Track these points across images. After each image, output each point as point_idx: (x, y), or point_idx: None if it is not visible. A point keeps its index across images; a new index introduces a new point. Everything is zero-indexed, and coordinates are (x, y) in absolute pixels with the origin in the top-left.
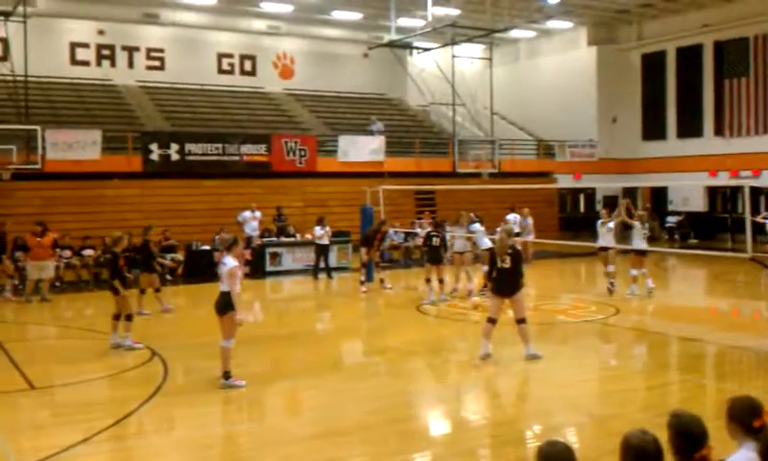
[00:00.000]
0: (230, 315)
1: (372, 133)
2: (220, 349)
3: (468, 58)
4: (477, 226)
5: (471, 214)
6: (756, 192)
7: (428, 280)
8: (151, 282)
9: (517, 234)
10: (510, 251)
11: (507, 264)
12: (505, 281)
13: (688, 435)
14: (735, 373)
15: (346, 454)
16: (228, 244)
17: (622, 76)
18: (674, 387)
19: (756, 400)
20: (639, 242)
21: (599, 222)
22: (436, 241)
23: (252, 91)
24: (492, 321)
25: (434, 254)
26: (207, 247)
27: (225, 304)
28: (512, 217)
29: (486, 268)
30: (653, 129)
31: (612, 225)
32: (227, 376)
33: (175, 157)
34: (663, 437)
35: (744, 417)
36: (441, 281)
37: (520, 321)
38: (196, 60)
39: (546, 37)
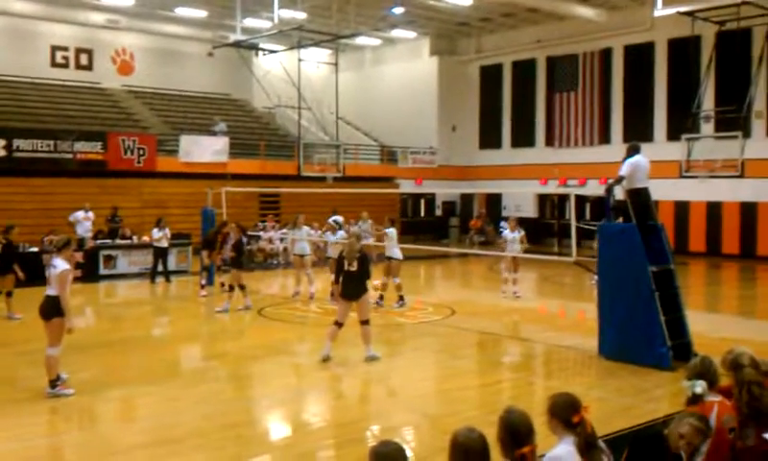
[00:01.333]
0: (57, 321)
1: (215, 133)
2: (45, 356)
3: (315, 62)
4: (342, 233)
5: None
6: (581, 200)
7: (232, 287)
8: (6, 284)
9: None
10: (358, 255)
11: (354, 268)
12: (353, 285)
13: (514, 432)
14: (561, 370)
15: None
16: (60, 245)
17: (462, 86)
18: (505, 385)
19: (575, 396)
20: (513, 247)
21: (506, 232)
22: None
23: (89, 87)
24: (338, 324)
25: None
26: (35, 249)
27: (51, 309)
28: (332, 220)
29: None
30: (489, 138)
31: (518, 234)
32: (53, 384)
33: (1, 153)
34: (494, 432)
35: (564, 413)
36: (242, 288)
37: (364, 322)
38: (27, 51)
39: (391, 46)
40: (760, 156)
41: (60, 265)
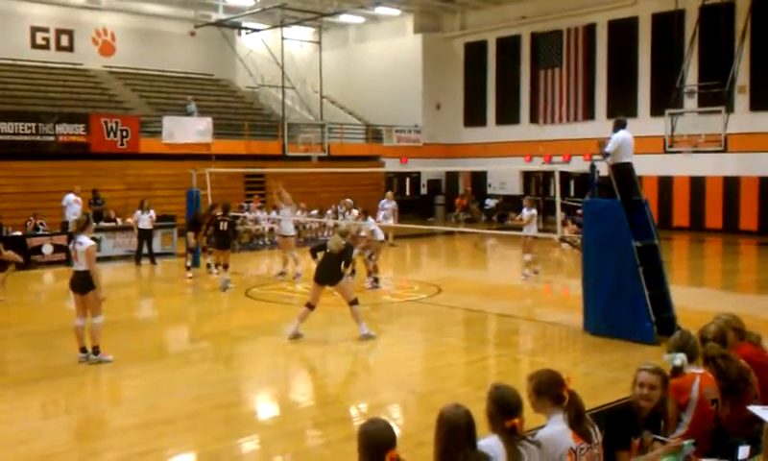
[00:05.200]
0: (93, 293)
1: (189, 114)
2: (91, 325)
3: (298, 41)
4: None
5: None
6: (566, 177)
7: (217, 265)
8: None
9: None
10: (343, 244)
11: (336, 250)
12: (326, 268)
13: (503, 405)
14: (547, 346)
15: (167, 444)
16: (81, 224)
17: (446, 64)
18: (491, 361)
19: (555, 371)
20: (530, 228)
21: (524, 210)
22: (223, 226)
23: (70, 68)
24: (309, 306)
25: (220, 239)
26: (20, 233)
27: (85, 283)
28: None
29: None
30: (474, 115)
31: (531, 213)
32: (96, 351)
33: None
34: (480, 409)
35: (552, 389)
36: (225, 267)
37: (351, 303)
38: (6, 33)
39: (375, 23)
40: (743, 130)
41: (85, 241)
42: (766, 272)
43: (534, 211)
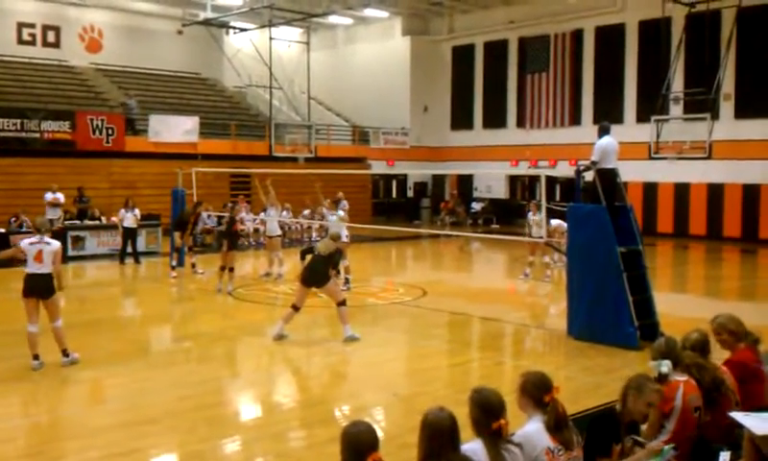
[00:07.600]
0: (57, 296)
1: (130, 109)
2: (54, 329)
3: (286, 41)
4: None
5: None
6: (551, 181)
7: (223, 268)
8: None
9: None
10: (333, 248)
11: (324, 253)
12: (313, 271)
13: (487, 407)
14: (530, 350)
15: (148, 444)
16: (48, 226)
17: (434, 67)
18: (474, 365)
19: (547, 376)
20: (536, 230)
21: (529, 214)
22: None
23: (56, 65)
24: (295, 308)
25: (234, 241)
26: (3, 230)
27: (50, 287)
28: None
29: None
30: (461, 119)
31: (539, 217)
32: (66, 353)
33: None
34: (463, 412)
35: (536, 391)
36: (230, 270)
37: (339, 304)
38: None
39: (363, 25)
40: (728, 137)
41: (54, 242)
42: (749, 278)
43: (541, 215)
